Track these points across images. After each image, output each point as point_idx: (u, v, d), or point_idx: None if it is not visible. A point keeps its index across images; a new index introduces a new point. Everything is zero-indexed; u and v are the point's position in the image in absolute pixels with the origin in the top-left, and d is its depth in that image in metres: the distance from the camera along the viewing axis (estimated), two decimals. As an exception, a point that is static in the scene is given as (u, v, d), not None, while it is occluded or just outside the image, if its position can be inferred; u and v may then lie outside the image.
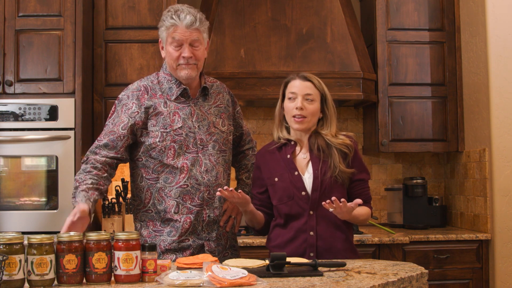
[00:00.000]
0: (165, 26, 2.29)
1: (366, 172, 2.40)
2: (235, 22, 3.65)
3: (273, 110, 4.06)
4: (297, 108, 2.30)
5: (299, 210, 2.30)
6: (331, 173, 2.28)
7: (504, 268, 3.38)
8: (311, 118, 2.33)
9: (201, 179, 2.28)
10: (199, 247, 2.31)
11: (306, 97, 2.32)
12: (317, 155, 2.32)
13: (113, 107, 2.36)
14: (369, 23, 3.95)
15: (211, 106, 2.39)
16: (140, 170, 2.33)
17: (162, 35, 2.32)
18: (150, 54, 3.48)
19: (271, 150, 2.41)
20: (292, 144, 2.38)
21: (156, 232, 2.31)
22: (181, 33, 2.26)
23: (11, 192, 3.19)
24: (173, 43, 2.27)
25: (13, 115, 3.19)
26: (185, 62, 2.28)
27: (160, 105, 2.30)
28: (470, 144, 3.71)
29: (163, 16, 2.32)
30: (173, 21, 2.26)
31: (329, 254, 2.27)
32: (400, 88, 3.80)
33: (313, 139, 2.35)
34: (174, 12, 2.28)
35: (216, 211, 2.33)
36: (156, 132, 2.27)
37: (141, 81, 2.39)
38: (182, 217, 2.27)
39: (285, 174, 2.32)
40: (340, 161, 2.30)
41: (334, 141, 2.32)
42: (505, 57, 3.45)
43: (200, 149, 2.30)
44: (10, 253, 1.61)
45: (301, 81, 2.35)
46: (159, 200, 2.29)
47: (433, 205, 3.89)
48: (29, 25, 3.28)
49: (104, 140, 2.27)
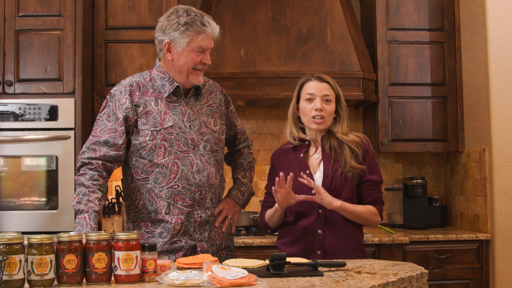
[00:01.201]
0: (191, 30, 2.21)
1: (378, 174, 2.40)
2: (235, 22, 3.65)
3: (273, 110, 4.10)
4: (317, 109, 2.34)
5: (308, 208, 2.33)
6: (341, 170, 2.32)
7: (504, 268, 3.38)
8: (329, 119, 2.38)
9: (192, 179, 2.26)
10: (192, 248, 2.30)
11: (324, 98, 2.36)
12: (329, 154, 2.36)
13: (104, 101, 2.32)
14: (369, 23, 3.95)
15: (203, 105, 2.37)
16: (130, 170, 2.32)
17: (182, 39, 2.23)
18: (150, 54, 3.48)
19: (286, 149, 2.46)
20: (306, 144, 2.43)
21: (148, 234, 2.30)
22: (208, 41, 2.25)
23: (11, 192, 3.19)
24: (197, 50, 2.24)
25: (13, 115, 3.19)
26: (202, 67, 2.29)
27: (150, 104, 2.28)
28: (470, 144, 3.71)
29: (182, 18, 2.23)
30: (205, 28, 2.23)
31: (337, 253, 2.29)
32: (400, 88, 3.80)
33: (326, 139, 2.39)
34: (202, 17, 2.24)
35: (208, 212, 2.32)
36: (146, 130, 2.25)
37: (134, 77, 2.35)
38: (173, 218, 2.26)
39: (297, 173, 2.35)
40: (351, 158, 2.33)
41: (346, 138, 2.37)
42: (505, 57, 3.45)
43: (191, 149, 2.28)
44: (10, 253, 1.61)
45: (318, 82, 2.39)
46: (150, 200, 2.28)
47: (433, 205, 3.89)
48: (29, 25, 3.28)
49: (103, 136, 2.23)
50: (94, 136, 2.26)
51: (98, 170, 2.20)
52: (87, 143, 2.26)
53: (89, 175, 2.19)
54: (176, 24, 2.23)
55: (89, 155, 2.23)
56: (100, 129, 2.26)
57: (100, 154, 2.22)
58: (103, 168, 2.22)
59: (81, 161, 2.24)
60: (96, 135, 2.26)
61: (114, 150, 2.23)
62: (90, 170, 2.20)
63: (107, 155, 2.22)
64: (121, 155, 2.25)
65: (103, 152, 2.22)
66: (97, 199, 2.15)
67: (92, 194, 2.15)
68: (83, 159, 2.23)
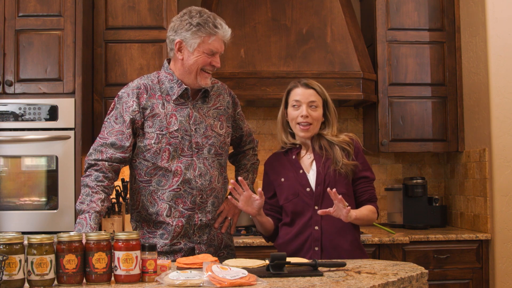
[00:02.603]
0: (203, 32, 2.22)
1: (371, 171, 2.43)
2: (235, 22, 3.65)
3: (273, 110, 4.10)
4: (303, 116, 2.35)
5: (304, 206, 2.34)
6: (334, 167, 2.33)
7: (504, 268, 3.38)
8: (316, 124, 2.39)
9: (194, 183, 2.26)
10: (190, 250, 2.31)
11: (310, 104, 2.37)
12: (320, 153, 2.37)
13: (112, 104, 2.33)
14: (369, 23, 3.95)
15: (210, 108, 2.37)
16: (134, 171, 2.33)
17: (194, 40, 2.23)
18: (150, 54, 3.48)
19: (277, 154, 2.49)
20: (297, 147, 2.45)
21: (150, 234, 2.31)
22: (219, 44, 2.26)
23: (11, 192, 3.19)
24: (207, 52, 2.24)
25: (13, 115, 3.19)
26: (211, 70, 2.29)
27: (157, 106, 2.28)
28: (470, 144, 3.71)
29: (195, 19, 2.23)
30: (217, 31, 2.23)
31: (334, 250, 2.30)
32: (400, 88, 3.80)
33: (315, 140, 2.41)
34: (214, 20, 2.24)
35: (208, 215, 2.32)
36: (152, 133, 2.25)
37: (141, 79, 2.36)
38: (174, 221, 2.27)
39: (291, 174, 2.37)
40: (343, 156, 2.35)
41: (336, 139, 2.38)
42: (505, 57, 3.45)
43: (195, 152, 2.29)
44: (10, 253, 1.61)
45: (304, 89, 2.39)
46: (152, 202, 2.28)
47: (433, 205, 3.89)
48: (29, 25, 3.28)
49: (110, 138, 2.24)
50: (101, 138, 2.27)
51: (104, 172, 2.21)
52: (94, 145, 2.27)
53: (94, 176, 2.20)
54: (189, 24, 2.23)
55: (95, 157, 2.24)
56: (107, 131, 2.27)
57: (107, 156, 2.23)
58: (110, 169, 2.23)
59: (87, 162, 2.25)
60: (103, 137, 2.27)
61: (121, 152, 2.24)
62: (95, 171, 2.21)
63: (113, 157, 2.23)
64: (127, 157, 2.26)
65: (109, 154, 2.23)
66: (100, 199, 2.15)
67: (95, 195, 2.16)
68: (89, 161, 2.24)
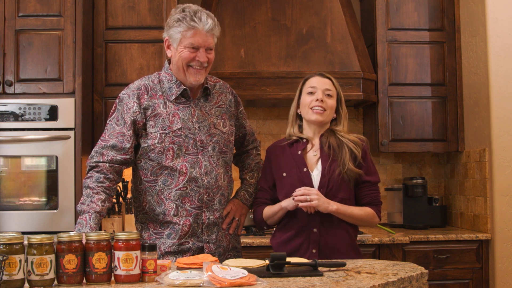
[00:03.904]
0: (182, 27, 2.20)
1: (375, 175, 2.40)
2: (235, 22, 3.65)
3: (273, 110, 4.10)
4: (318, 100, 2.34)
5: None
6: (339, 171, 2.30)
7: (504, 268, 3.38)
8: (330, 112, 2.37)
9: (200, 181, 2.26)
10: (199, 250, 2.30)
11: (326, 92, 2.37)
12: (328, 153, 2.34)
13: (113, 106, 2.33)
14: (369, 23, 3.95)
15: (212, 106, 2.37)
16: (139, 172, 2.32)
17: (175, 35, 2.23)
18: (150, 54, 3.48)
19: (282, 145, 2.44)
20: (303, 142, 2.41)
21: (157, 235, 2.30)
22: (200, 37, 2.21)
23: (11, 192, 3.19)
24: (189, 46, 2.22)
25: (13, 115, 3.19)
26: (198, 66, 2.25)
27: (159, 106, 2.28)
28: (470, 144, 3.71)
29: (176, 15, 2.23)
30: (194, 24, 2.19)
31: (331, 252, 2.28)
32: (400, 88, 3.80)
33: (325, 138, 2.38)
34: (194, 14, 2.21)
35: (216, 213, 2.32)
36: (155, 133, 2.25)
37: (142, 80, 2.36)
38: (181, 220, 2.26)
39: (293, 170, 2.34)
40: (350, 160, 2.32)
41: (347, 136, 2.36)
42: (505, 57, 3.45)
43: (200, 150, 2.28)
44: (10, 253, 1.61)
45: (320, 78, 2.41)
46: (159, 202, 2.28)
47: (433, 205, 3.89)
48: (29, 25, 3.28)
49: (111, 140, 2.24)
50: (103, 140, 2.27)
51: (105, 173, 2.21)
52: (96, 147, 2.27)
53: (95, 178, 2.20)
54: (172, 21, 2.24)
55: (97, 159, 2.24)
56: (108, 133, 2.27)
57: (108, 158, 2.23)
58: (111, 170, 2.22)
59: (89, 165, 2.25)
60: (104, 139, 2.27)
61: (122, 154, 2.24)
62: (96, 173, 2.21)
63: (114, 159, 2.23)
64: (128, 158, 2.26)
65: (110, 156, 2.23)
66: (100, 200, 2.15)
67: (96, 196, 2.16)
68: (91, 163, 2.25)
